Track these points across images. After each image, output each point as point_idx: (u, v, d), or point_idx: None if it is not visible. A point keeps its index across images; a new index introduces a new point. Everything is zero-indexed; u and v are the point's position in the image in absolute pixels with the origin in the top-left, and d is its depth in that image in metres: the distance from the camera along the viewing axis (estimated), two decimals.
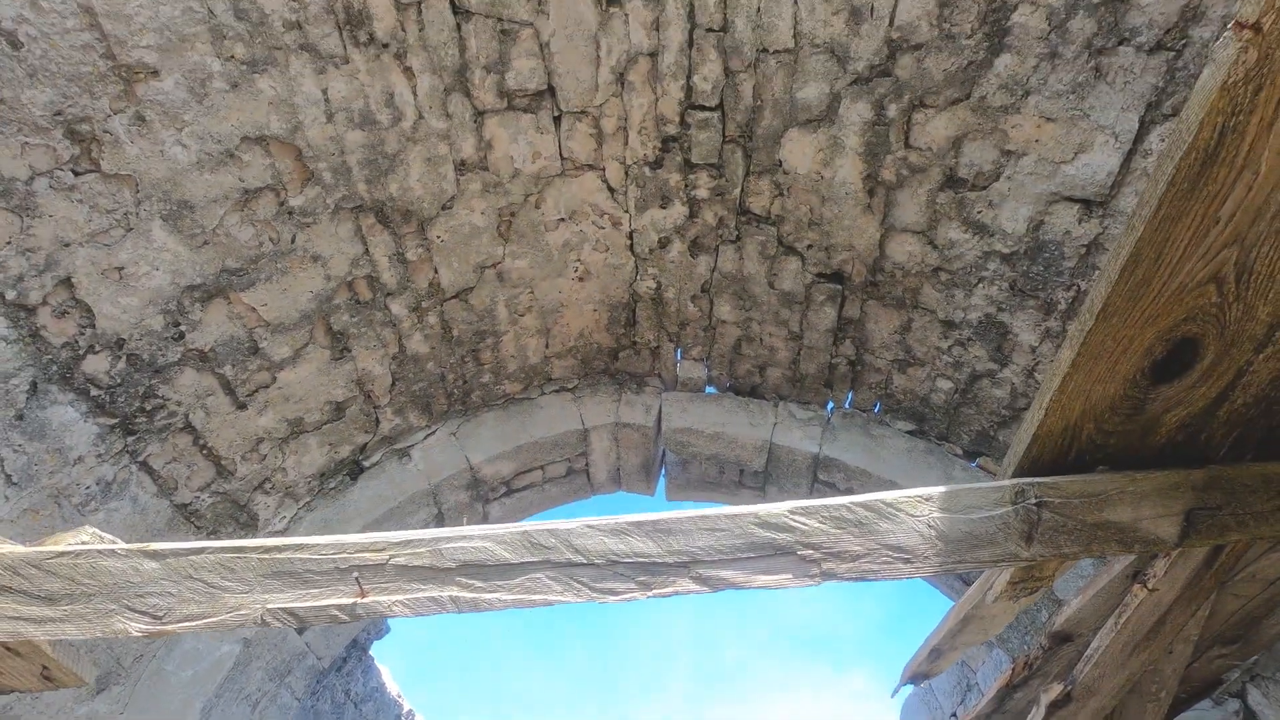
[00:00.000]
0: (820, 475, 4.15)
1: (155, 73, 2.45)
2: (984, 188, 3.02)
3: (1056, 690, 2.18)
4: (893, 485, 3.90)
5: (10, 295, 2.45)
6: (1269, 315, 1.18)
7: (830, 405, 4.26)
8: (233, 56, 2.56)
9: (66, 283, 2.59)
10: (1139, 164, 2.64)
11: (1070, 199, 2.85)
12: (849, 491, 4.14)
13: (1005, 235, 3.08)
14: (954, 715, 5.62)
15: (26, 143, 2.31)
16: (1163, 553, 1.62)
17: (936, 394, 3.85)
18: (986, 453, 3.91)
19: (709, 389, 4.44)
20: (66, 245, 2.53)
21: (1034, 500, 1.33)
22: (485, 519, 4.47)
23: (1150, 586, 1.69)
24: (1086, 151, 2.71)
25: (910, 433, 4.07)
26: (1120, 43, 2.46)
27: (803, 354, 4.06)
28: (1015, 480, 1.36)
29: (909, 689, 5.78)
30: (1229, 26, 0.89)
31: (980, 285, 3.29)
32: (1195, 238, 1.06)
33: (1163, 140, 2.55)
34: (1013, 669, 2.44)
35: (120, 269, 2.69)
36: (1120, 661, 2.03)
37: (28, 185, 2.36)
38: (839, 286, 3.67)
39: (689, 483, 4.55)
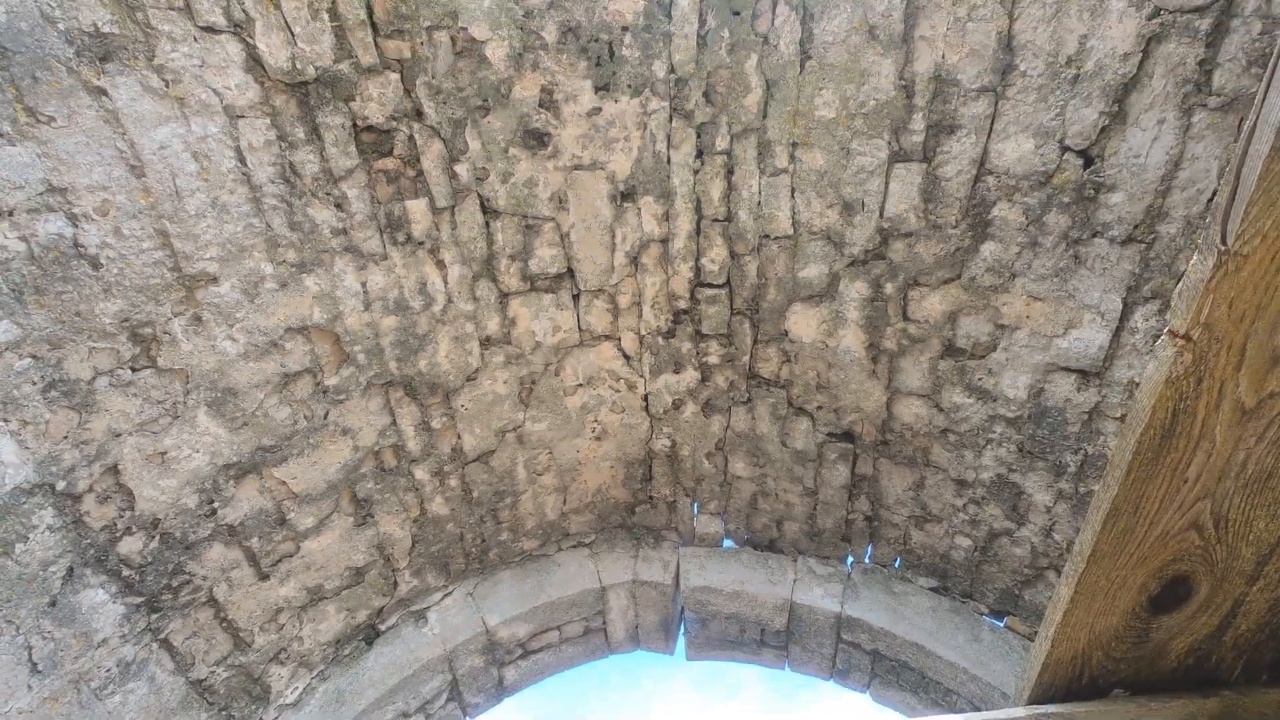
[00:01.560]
0: (844, 635, 4.04)
1: (214, 279, 2.71)
2: (982, 357, 3.16)
3: None
4: (919, 647, 3.78)
5: (60, 486, 2.59)
6: (1253, 554, 1.24)
7: (850, 560, 4.22)
8: (284, 261, 2.84)
9: (113, 470, 2.73)
10: (1128, 340, 2.78)
11: (1067, 369, 2.97)
12: (875, 652, 4.02)
13: (1008, 401, 3.18)
14: None
15: (94, 347, 2.53)
16: None
17: (956, 551, 3.81)
18: (1013, 612, 3.81)
19: (726, 542, 4.42)
20: (117, 435, 2.69)
21: None
22: (500, 683, 4.34)
23: None
24: (1076, 328, 2.86)
25: (933, 590, 3.99)
26: (1094, 235, 2.67)
27: (819, 509, 4.07)
28: (1030, 710, 1.37)
29: None
30: (1165, 331, 1.02)
31: (989, 447, 3.35)
32: (1168, 494, 1.15)
33: (1146, 320, 2.70)
34: None
35: (164, 454, 2.84)
36: None
37: (90, 384, 2.56)
38: (850, 445, 3.75)
39: (709, 642, 4.43)
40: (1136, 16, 2.30)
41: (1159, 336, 2.62)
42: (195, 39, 2.36)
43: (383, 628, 4.00)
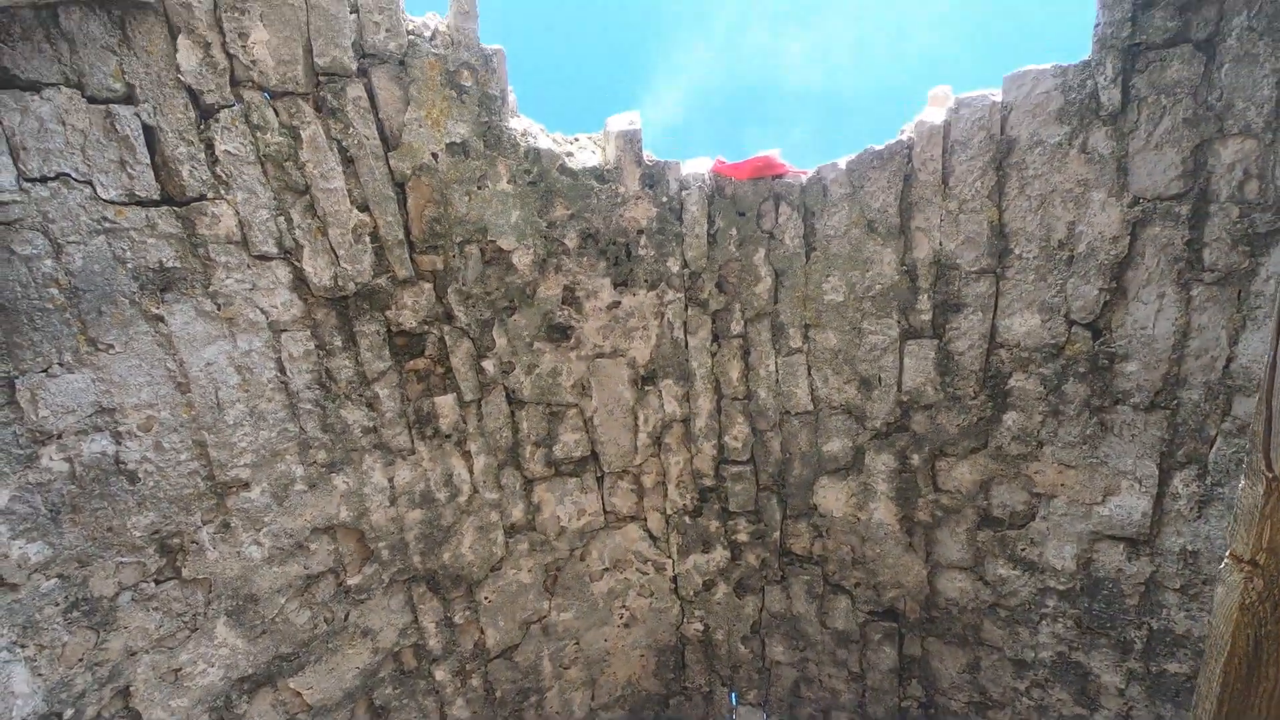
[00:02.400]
0: None
1: (246, 485, 2.74)
2: (1022, 526, 3.06)
3: None
4: None
5: (68, 714, 2.46)
6: None
7: None
8: (315, 461, 2.88)
9: (124, 692, 2.61)
10: (1172, 506, 2.70)
11: (1113, 537, 2.86)
12: None
13: (1056, 572, 3.03)
14: None
15: (121, 562, 2.51)
16: None
17: None
18: None
19: None
20: (133, 654, 2.60)
21: None
22: None
23: None
24: (1115, 494, 2.80)
25: None
26: (1116, 403, 2.68)
27: (868, 696, 3.77)
28: None
29: None
30: (1228, 555, 1.00)
31: (1043, 622, 3.15)
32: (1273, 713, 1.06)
33: (1185, 485, 2.64)
34: None
35: (178, 670, 2.72)
36: None
37: (112, 601, 2.51)
38: (894, 624, 3.54)
39: None
40: (1118, 205, 2.47)
41: (1204, 503, 2.54)
42: (249, 266, 2.57)
43: None
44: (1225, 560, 0.99)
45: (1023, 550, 3.09)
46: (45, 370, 2.23)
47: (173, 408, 2.52)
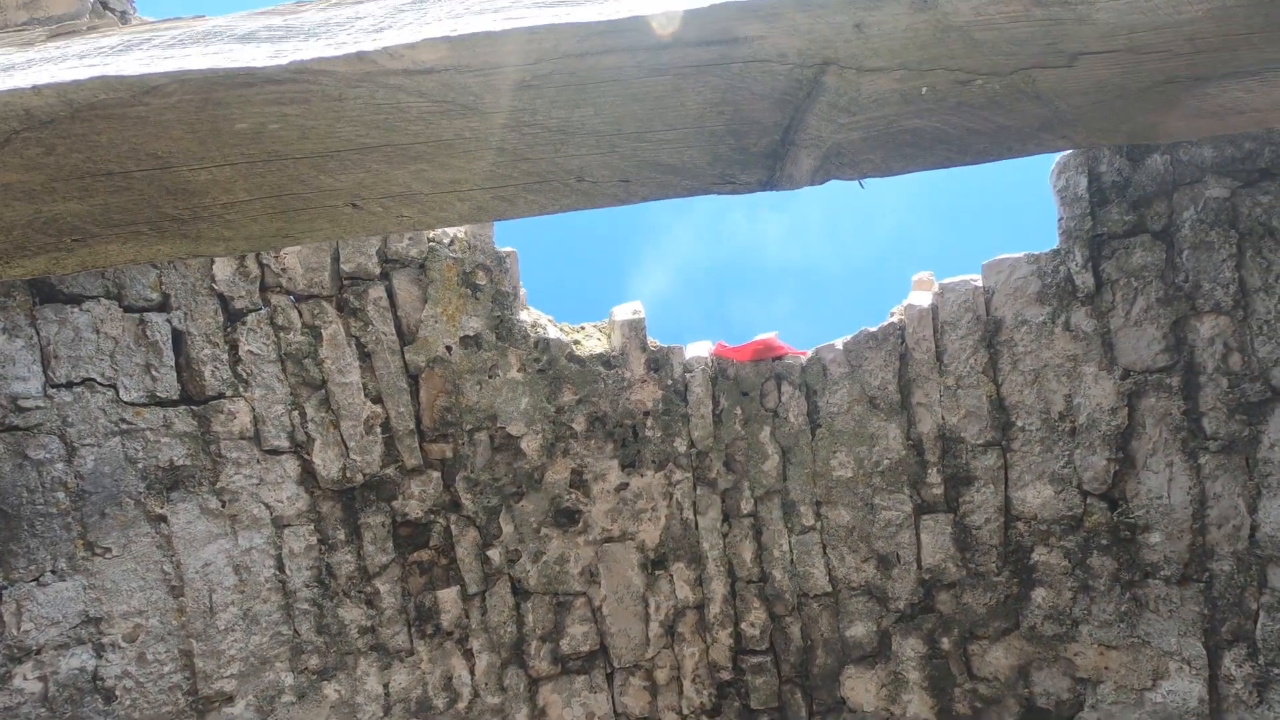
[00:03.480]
0: None
1: (230, 698, 2.53)
2: (1070, 717, 2.82)
3: None
4: None
5: None
6: None
7: None
8: (306, 669, 2.68)
9: None
10: (1228, 690, 2.52)
11: None
12: None
13: None
14: None
15: None
16: None
17: None
18: None
19: None
20: None
21: None
22: None
23: None
24: (1165, 678, 2.61)
25: None
26: (1146, 576, 2.60)
27: None
28: None
29: None
30: None
31: None
32: None
33: (1238, 665, 2.48)
34: None
35: None
36: None
37: None
38: None
39: None
40: (1110, 377, 2.57)
41: (1262, 685, 2.38)
42: (258, 461, 2.56)
43: None
44: None
45: None
46: (36, 579, 2.14)
47: (163, 614, 2.38)
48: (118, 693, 2.29)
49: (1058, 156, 2.61)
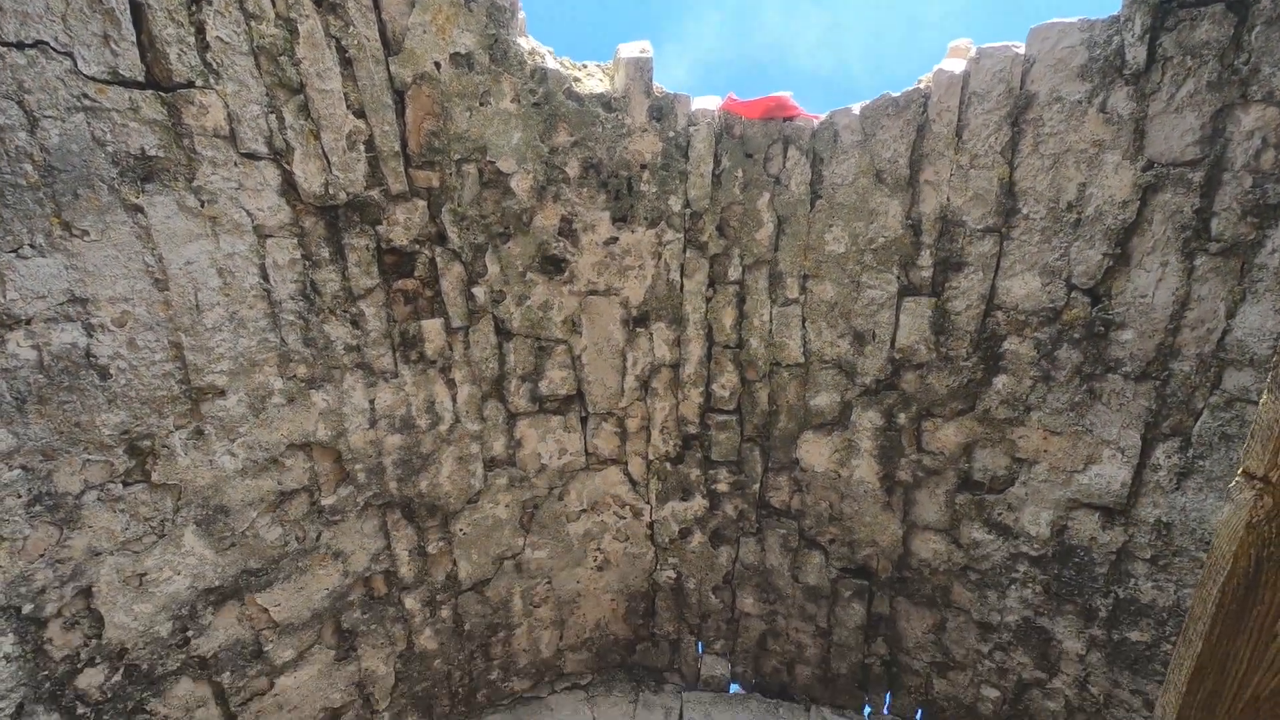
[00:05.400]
0: None
1: (222, 392, 2.66)
2: (1001, 491, 3.08)
3: None
4: None
5: (27, 609, 2.41)
6: None
7: (868, 710, 3.90)
8: (294, 376, 2.81)
9: (86, 592, 2.55)
10: (1151, 477, 2.72)
11: (1090, 506, 2.89)
12: None
13: (1030, 538, 3.07)
14: None
15: (88, 460, 2.44)
16: None
17: (983, 703, 3.53)
18: None
19: (733, 687, 4.10)
20: (96, 554, 2.54)
21: None
22: None
23: None
24: (1096, 463, 2.81)
25: None
26: (1108, 370, 2.68)
27: (833, 652, 3.82)
28: None
29: None
30: (1239, 473, 0.98)
31: (1013, 587, 3.20)
32: (1256, 652, 1.06)
33: (1168, 457, 2.66)
34: None
35: (143, 575, 2.67)
36: None
37: (77, 499, 2.44)
38: (865, 582, 3.57)
39: None
40: (1131, 168, 2.44)
41: (1184, 475, 2.56)
42: (236, 164, 2.46)
43: None
44: (1236, 479, 0.97)
45: (999, 515, 3.12)
46: (15, 251, 2.13)
47: (149, 304, 2.42)
48: (112, 371, 2.39)
49: None
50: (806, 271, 3.09)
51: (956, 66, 2.62)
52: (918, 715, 3.80)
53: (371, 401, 3.01)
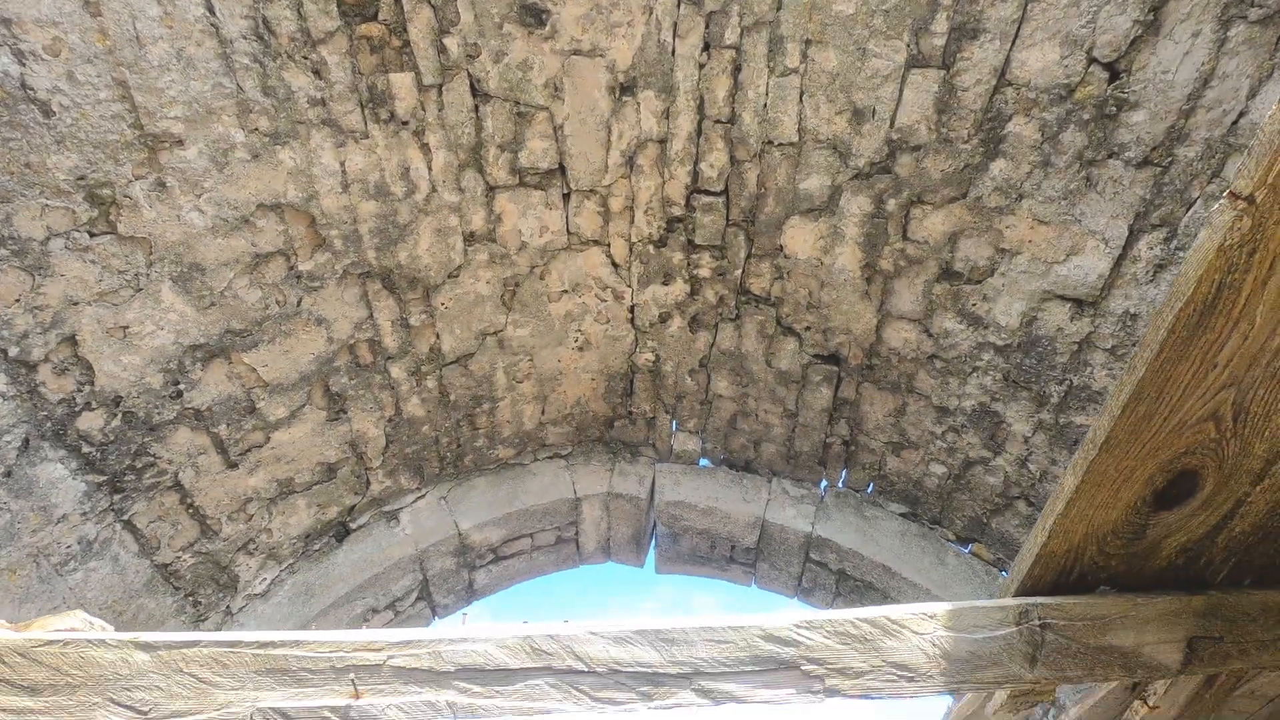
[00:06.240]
0: (812, 555, 4.11)
1: (180, 142, 2.51)
2: (979, 282, 3.10)
3: None
4: (884, 569, 3.87)
5: (13, 352, 2.45)
6: (1265, 451, 1.21)
7: (824, 484, 4.26)
8: (256, 129, 2.64)
9: (70, 340, 2.59)
10: (1129, 269, 2.73)
11: (1062, 297, 2.93)
12: (841, 572, 4.11)
13: (999, 328, 3.15)
14: None
15: (47, 205, 2.35)
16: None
17: (930, 478, 3.86)
18: (979, 539, 3.90)
19: (703, 462, 4.43)
20: (74, 304, 2.54)
21: (1038, 621, 1.34)
22: (470, 586, 4.38)
23: (1151, 704, 1.68)
24: (1078, 254, 2.81)
25: (903, 515, 4.06)
26: (1110, 156, 2.58)
27: (798, 432, 4.08)
28: (1019, 600, 1.36)
29: None
30: (1224, 195, 0.95)
31: (974, 375, 3.34)
32: (1195, 379, 1.10)
33: (1150, 249, 2.65)
34: None
35: (125, 328, 2.70)
36: None
37: (43, 245, 2.39)
38: (835, 368, 3.72)
39: (679, 556, 4.50)
40: None
41: (1161, 267, 2.57)
42: None
43: (354, 526, 3.97)
44: (1220, 201, 0.95)
45: (973, 306, 3.17)
46: None
47: (82, 32, 2.19)
48: (54, 108, 2.23)
49: None
50: (809, 36, 2.83)
51: None
52: (869, 488, 4.16)
53: (342, 164, 2.87)
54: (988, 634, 1.33)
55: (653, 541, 4.60)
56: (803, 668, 1.30)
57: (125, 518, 3.01)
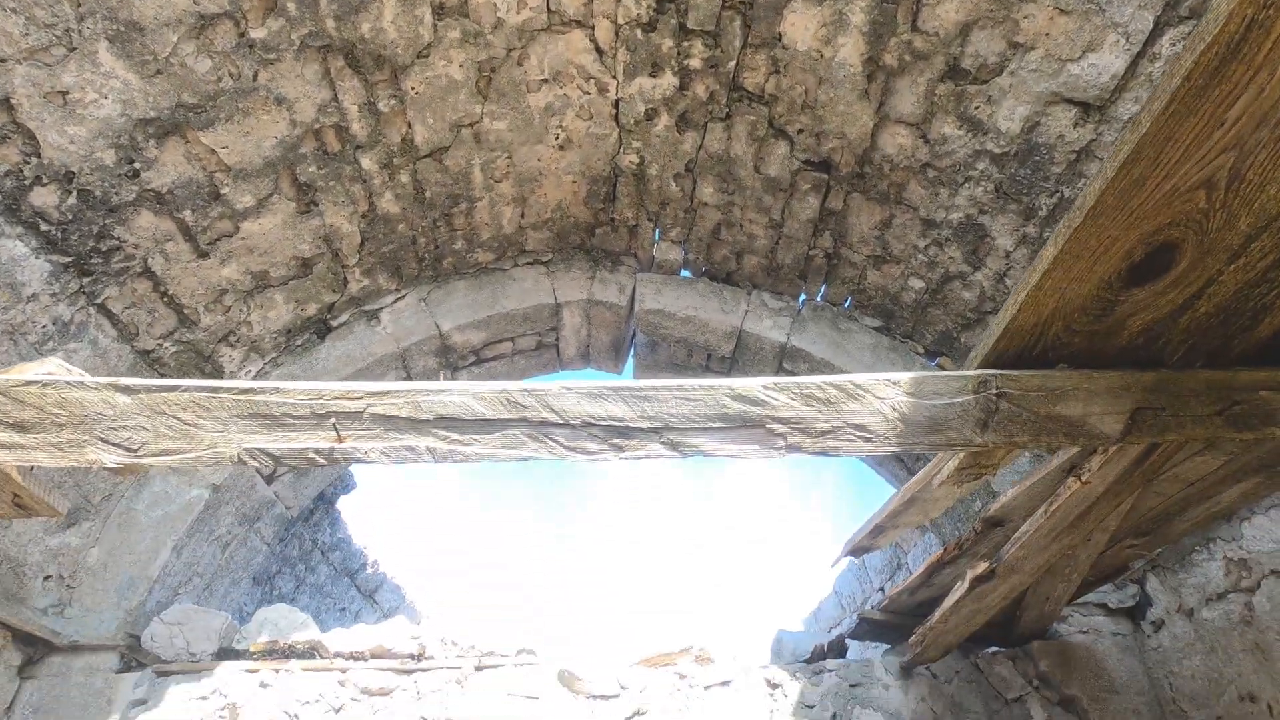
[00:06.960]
0: (785, 365, 4.25)
1: None
2: (985, 81, 2.92)
3: (982, 567, 2.38)
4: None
5: None
6: (1248, 226, 1.20)
7: (803, 297, 4.30)
8: None
9: (6, 104, 2.39)
10: (1145, 68, 2.57)
11: (1070, 101, 2.78)
12: None
13: (999, 134, 3.02)
14: (882, 589, 6.14)
15: None
16: (1102, 448, 1.73)
17: (907, 293, 3.90)
18: (947, 353, 4.03)
19: (684, 272, 4.42)
20: (2, 61, 2.31)
21: (995, 391, 1.39)
22: None
23: (1084, 479, 1.82)
24: (1095, 51, 2.62)
25: (877, 329, 4.15)
26: None
27: (781, 243, 4.04)
28: (980, 371, 1.41)
29: (847, 561, 6.24)
30: None
31: (966, 185, 3.26)
32: (1198, 138, 1.06)
33: (1174, 45, 2.48)
34: (944, 548, 2.65)
35: (64, 93, 2.48)
36: (1043, 545, 2.22)
37: None
38: (825, 176, 3.60)
39: (657, 364, 4.63)
40: None
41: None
42: None
43: (334, 324, 3.99)
44: None
45: (976, 109, 3.01)
46: None
47: None
48: None
49: None
50: None
51: None
52: (846, 303, 4.21)
53: None
54: (946, 400, 1.39)
55: (631, 349, 4.71)
56: (768, 426, 1.37)
57: (98, 301, 2.98)
